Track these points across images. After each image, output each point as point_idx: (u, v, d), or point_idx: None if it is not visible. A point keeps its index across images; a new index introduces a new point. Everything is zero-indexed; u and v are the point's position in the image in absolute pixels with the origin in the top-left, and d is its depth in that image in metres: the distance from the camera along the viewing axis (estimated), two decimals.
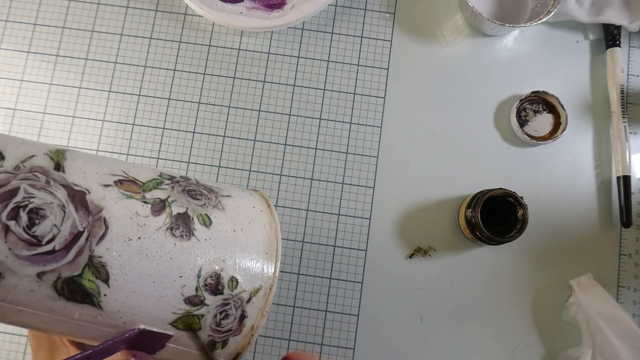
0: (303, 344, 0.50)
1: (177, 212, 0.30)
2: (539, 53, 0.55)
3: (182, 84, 0.55)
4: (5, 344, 0.50)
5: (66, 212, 0.27)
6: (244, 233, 0.32)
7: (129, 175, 0.31)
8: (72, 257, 0.26)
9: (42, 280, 0.26)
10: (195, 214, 0.30)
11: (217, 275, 0.30)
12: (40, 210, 0.26)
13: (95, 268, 0.27)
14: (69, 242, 0.26)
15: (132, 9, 0.56)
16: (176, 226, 0.29)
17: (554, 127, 0.53)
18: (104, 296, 0.27)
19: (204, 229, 0.30)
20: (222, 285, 0.30)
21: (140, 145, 0.54)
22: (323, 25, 0.56)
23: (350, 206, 0.52)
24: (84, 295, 0.27)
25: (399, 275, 0.51)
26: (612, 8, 0.53)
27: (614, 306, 0.47)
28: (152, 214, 0.29)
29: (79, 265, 0.26)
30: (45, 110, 0.54)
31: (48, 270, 0.26)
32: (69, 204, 0.27)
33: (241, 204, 0.34)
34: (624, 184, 0.51)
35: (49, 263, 0.26)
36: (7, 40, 0.56)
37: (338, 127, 0.54)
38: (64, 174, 0.28)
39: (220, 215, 0.32)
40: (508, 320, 0.50)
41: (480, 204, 0.47)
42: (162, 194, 0.30)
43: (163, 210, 0.30)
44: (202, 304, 0.29)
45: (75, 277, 0.26)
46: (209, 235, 0.30)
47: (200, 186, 0.33)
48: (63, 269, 0.26)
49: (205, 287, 0.29)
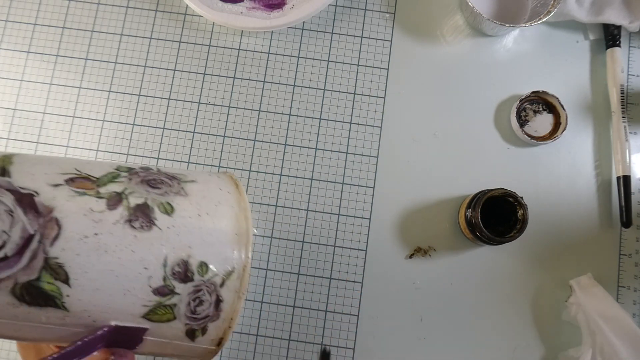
0: (303, 343, 0.50)
1: (135, 204, 0.29)
2: (539, 53, 0.55)
3: (182, 84, 0.55)
4: (5, 344, 0.50)
5: (14, 216, 0.26)
6: (210, 217, 0.31)
7: (81, 172, 0.30)
8: (27, 261, 0.26)
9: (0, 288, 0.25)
10: (155, 203, 0.30)
11: (184, 262, 0.29)
12: None
13: (52, 270, 0.26)
14: (21, 246, 0.26)
15: (132, 9, 0.56)
16: (135, 218, 0.28)
17: (554, 127, 0.53)
18: (66, 297, 0.26)
19: (165, 217, 0.29)
20: (191, 272, 0.29)
21: (140, 145, 0.54)
22: (323, 25, 0.56)
23: (350, 206, 0.52)
24: (45, 298, 0.26)
25: (399, 275, 0.51)
26: (612, 8, 0.53)
27: (614, 306, 0.47)
28: (108, 208, 0.28)
29: (35, 269, 0.26)
30: (45, 110, 0.54)
31: (3, 278, 0.25)
32: (17, 208, 0.26)
33: (206, 187, 0.33)
34: (624, 184, 0.51)
35: (3, 270, 0.25)
36: (7, 40, 0.56)
37: (338, 127, 0.54)
38: (10, 179, 0.27)
39: (183, 202, 0.31)
40: (508, 321, 0.50)
41: (480, 204, 0.47)
42: (118, 187, 0.30)
43: (119, 203, 0.29)
44: (172, 293, 0.29)
45: (33, 282, 0.26)
46: (172, 223, 0.29)
47: (161, 175, 0.32)
48: (19, 275, 0.26)
49: (173, 275, 0.29)
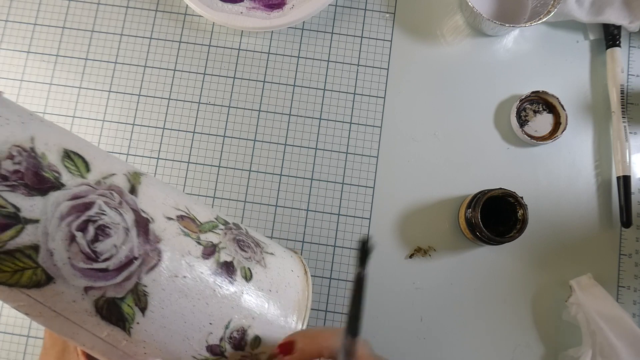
0: None
1: (224, 260, 0.31)
2: (539, 53, 0.55)
3: (182, 84, 0.55)
4: (5, 344, 0.50)
5: (129, 235, 0.27)
6: (278, 295, 0.32)
7: (190, 213, 0.31)
8: (121, 280, 0.27)
9: (88, 294, 0.27)
10: (239, 266, 0.31)
11: (243, 331, 0.30)
12: (107, 228, 0.27)
13: (137, 295, 0.27)
14: (123, 264, 0.27)
15: (132, 9, 0.56)
16: (219, 273, 0.30)
17: (554, 127, 0.53)
18: (136, 324, 0.28)
19: (243, 282, 0.31)
20: (245, 341, 0.30)
21: (140, 145, 0.54)
22: (323, 25, 0.56)
23: (350, 206, 0.52)
24: (118, 318, 0.27)
25: (399, 275, 0.51)
26: (612, 8, 0.53)
27: (614, 306, 0.47)
28: (202, 256, 0.30)
29: (125, 289, 0.27)
30: (45, 111, 0.54)
31: (96, 287, 0.27)
32: (133, 228, 0.28)
33: (282, 264, 0.35)
34: (624, 184, 0.51)
35: (99, 280, 0.27)
36: (7, 40, 0.56)
37: (338, 127, 0.54)
38: (136, 198, 0.29)
39: (261, 272, 0.32)
40: (508, 320, 0.50)
41: (480, 204, 0.47)
42: (216, 238, 0.31)
43: (213, 255, 0.30)
44: (221, 355, 0.30)
45: (117, 299, 0.27)
46: (247, 291, 0.31)
47: (249, 237, 0.34)
48: (109, 289, 0.27)
49: (229, 339, 0.30)
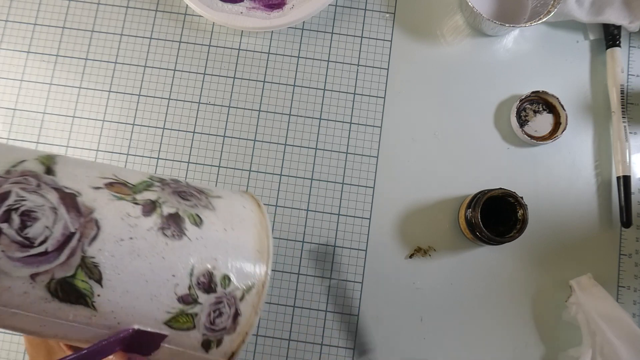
0: (303, 343, 0.50)
1: (168, 213, 0.30)
2: (539, 53, 0.55)
3: (182, 84, 0.55)
4: (5, 344, 0.50)
5: (57, 214, 0.27)
6: (235, 232, 0.32)
7: (119, 178, 0.31)
8: (65, 258, 0.26)
9: (36, 281, 0.26)
10: (186, 214, 0.31)
11: (209, 273, 0.30)
12: (32, 212, 0.26)
13: (87, 268, 0.27)
14: (61, 243, 0.26)
15: (132, 9, 0.56)
16: (167, 226, 0.29)
17: (554, 127, 0.53)
18: (97, 296, 0.27)
19: (195, 228, 0.30)
20: (214, 283, 0.30)
21: (140, 145, 0.54)
22: (323, 25, 0.56)
23: (350, 206, 0.52)
24: (77, 295, 0.27)
25: (399, 275, 0.51)
26: (612, 8, 0.53)
27: (614, 306, 0.47)
28: (143, 215, 0.29)
29: (72, 266, 0.27)
30: (45, 110, 0.54)
31: (41, 272, 0.26)
32: (61, 206, 0.27)
33: (231, 204, 0.34)
34: (624, 184, 0.51)
35: (42, 264, 0.26)
36: (7, 40, 0.56)
37: (338, 127, 0.54)
38: (55, 178, 0.28)
39: (211, 215, 0.32)
40: (508, 320, 0.50)
41: (480, 204, 0.47)
42: (153, 195, 0.31)
43: (154, 210, 0.30)
44: (195, 302, 0.29)
45: (68, 278, 0.26)
46: (201, 235, 0.30)
47: (190, 188, 0.34)
48: (56, 270, 0.26)
49: (198, 285, 0.29)
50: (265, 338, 0.50)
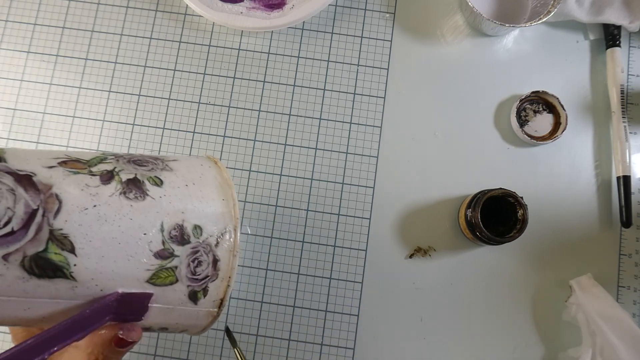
0: (303, 343, 0.50)
1: (127, 178, 0.31)
2: (539, 53, 0.55)
3: (182, 84, 0.55)
4: (5, 344, 0.50)
5: (16, 194, 0.27)
6: (196, 186, 0.33)
7: (71, 157, 0.32)
8: (33, 234, 0.27)
9: (9, 261, 0.26)
10: (144, 177, 0.32)
11: (179, 226, 0.31)
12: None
13: (58, 240, 0.27)
14: (26, 220, 0.27)
15: (132, 9, 0.56)
16: (128, 190, 0.30)
17: (554, 127, 0.53)
18: (74, 266, 0.28)
19: (156, 188, 0.32)
20: (187, 234, 0.31)
21: (140, 145, 0.54)
22: (323, 25, 0.56)
23: (350, 206, 0.52)
24: (54, 268, 0.27)
25: (399, 275, 0.51)
26: (612, 8, 0.53)
27: (614, 306, 0.47)
28: (102, 183, 0.30)
29: (42, 240, 0.27)
30: (45, 110, 0.54)
31: (12, 251, 0.26)
32: (18, 187, 0.28)
33: (189, 163, 0.36)
34: (624, 184, 0.51)
35: (11, 244, 0.26)
36: (7, 40, 0.56)
37: (338, 127, 0.54)
38: (7, 164, 0.29)
39: (170, 175, 0.33)
40: (508, 320, 0.50)
41: (480, 204, 0.47)
42: (108, 166, 0.32)
43: (112, 179, 0.31)
44: (172, 255, 0.30)
45: (40, 253, 0.27)
46: (163, 193, 0.32)
47: (145, 157, 0.35)
48: (27, 247, 0.27)
49: (171, 239, 0.30)
50: (265, 338, 0.50)
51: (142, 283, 0.30)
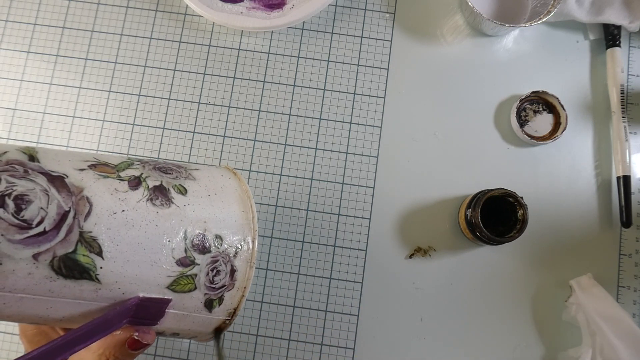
0: (303, 343, 0.50)
1: (154, 185, 0.32)
2: (539, 53, 0.55)
3: (182, 84, 0.55)
4: (5, 344, 0.50)
5: (49, 195, 0.28)
6: (218, 196, 0.34)
7: (100, 160, 0.33)
8: (64, 235, 0.28)
9: (39, 261, 0.27)
10: (170, 185, 0.33)
11: (202, 235, 0.32)
12: (25, 196, 0.27)
13: (87, 243, 0.28)
14: (58, 221, 0.28)
15: (132, 9, 0.56)
16: (155, 197, 0.31)
17: (554, 127, 0.53)
18: (100, 269, 0.28)
19: (181, 196, 0.33)
20: (208, 243, 0.32)
21: (140, 145, 0.54)
22: (323, 25, 0.56)
23: (350, 206, 0.52)
24: (81, 270, 0.28)
25: (399, 275, 0.51)
26: (612, 8, 0.53)
27: (614, 306, 0.47)
28: (130, 189, 0.31)
29: (72, 242, 0.28)
30: (45, 110, 0.54)
31: (43, 251, 0.27)
32: (51, 188, 0.28)
33: (210, 174, 0.37)
34: (624, 184, 0.51)
35: (42, 244, 0.27)
36: (7, 40, 0.56)
37: (338, 127, 0.54)
38: (40, 164, 0.30)
39: (194, 184, 0.34)
40: (508, 320, 0.50)
41: (480, 204, 0.47)
42: (136, 172, 0.33)
43: (139, 184, 0.32)
44: (193, 263, 0.31)
45: (70, 254, 0.28)
46: (187, 202, 0.32)
47: (168, 164, 0.36)
48: (57, 248, 0.27)
49: (193, 247, 0.31)
50: (265, 338, 0.50)
51: (162, 289, 0.30)
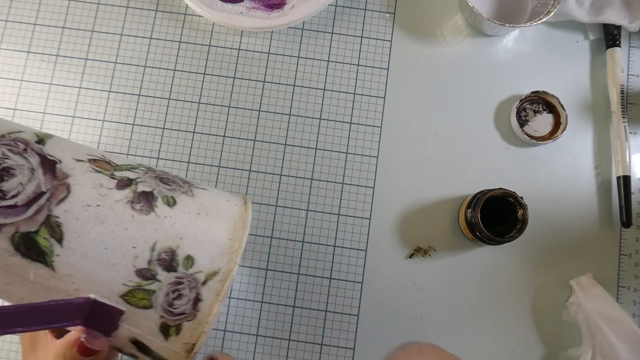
0: (303, 344, 0.50)
1: (142, 190, 0.31)
2: (539, 53, 0.55)
3: (182, 84, 0.55)
4: (5, 344, 0.50)
5: (34, 174, 0.29)
6: (208, 218, 0.32)
7: (105, 158, 0.33)
8: (31, 213, 0.28)
9: (2, 232, 0.27)
10: (160, 195, 0.32)
11: (172, 251, 0.30)
12: (11, 170, 0.28)
13: (51, 227, 0.28)
14: (30, 199, 0.28)
15: (132, 9, 0.56)
16: (137, 200, 0.31)
17: (554, 127, 0.53)
18: (56, 256, 0.28)
19: (166, 207, 0.31)
20: (176, 262, 0.30)
21: (140, 145, 0.54)
22: (323, 25, 0.56)
23: (350, 206, 0.52)
24: (37, 252, 0.28)
25: (399, 275, 0.51)
26: (612, 8, 0.53)
27: (614, 306, 0.47)
28: (116, 188, 0.31)
29: (36, 221, 0.28)
30: (45, 110, 0.54)
31: (7, 223, 0.27)
32: (39, 168, 0.29)
33: (215, 196, 0.35)
34: (624, 184, 0.51)
35: (9, 216, 0.27)
36: (7, 40, 0.56)
37: (338, 127, 0.54)
38: (43, 147, 0.30)
39: (187, 200, 0.33)
40: (508, 320, 0.50)
41: (480, 204, 0.47)
42: (133, 175, 0.32)
43: (128, 186, 0.31)
44: (153, 278, 0.29)
45: (31, 233, 0.28)
46: (170, 214, 0.31)
47: (176, 177, 0.35)
48: (21, 224, 0.28)
49: (158, 261, 0.30)
50: (265, 338, 0.50)
51: (115, 296, 0.29)
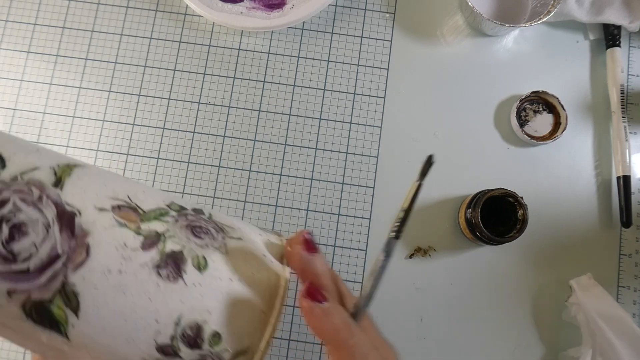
0: (303, 343, 0.50)
1: (171, 250, 0.27)
2: (539, 53, 0.55)
3: (182, 84, 0.55)
4: (5, 344, 0.50)
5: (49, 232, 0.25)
6: (241, 285, 0.28)
7: (131, 202, 0.28)
8: (45, 280, 0.25)
9: (12, 298, 0.25)
10: (190, 255, 0.28)
11: (198, 327, 0.27)
12: (23, 226, 0.25)
13: (66, 296, 0.25)
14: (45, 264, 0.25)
15: (132, 9, 0.56)
16: (164, 265, 0.27)
17: (554, 127, 0.53)
18: (71, 327, 0.25)
19: (196, 272, 0.27)
20: (201, 339, 0.27)
21: (140, 145, 0.54)
22: (323, 25, 0.56)
23: (350, 206, 0.52)
24: (51, 322, 0.25)
25: (399, 275, 0.51)
26: (612, 8, 0.53)
27: (614, 306, 0.47)
28: (142, 248, 0.27)
29: (51, 290, 0.25)
30: (45, 110, 0.54)
31: (19, 290, 0.25)
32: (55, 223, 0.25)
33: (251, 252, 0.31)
34: (624, 184, 0.51)
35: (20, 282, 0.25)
36: (7, 40, 0.56)
37: (338, 127, 0.54)
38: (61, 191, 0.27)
39: (219, 260, 0.28)
40: (508, 320, 0.50)
41: (480, 204, 0.47)
42: (161, 226, 0.28)
43: (155, 245, 0.27)
44: (175, 355, 0.26)
45: (44, 302, 0.25)
46: (200, 281, 0.27)
47: (210, 223, 0.30)
48: (33, 292, 0.25)
49: (182, 337, 0.27)
50: None
51: None
